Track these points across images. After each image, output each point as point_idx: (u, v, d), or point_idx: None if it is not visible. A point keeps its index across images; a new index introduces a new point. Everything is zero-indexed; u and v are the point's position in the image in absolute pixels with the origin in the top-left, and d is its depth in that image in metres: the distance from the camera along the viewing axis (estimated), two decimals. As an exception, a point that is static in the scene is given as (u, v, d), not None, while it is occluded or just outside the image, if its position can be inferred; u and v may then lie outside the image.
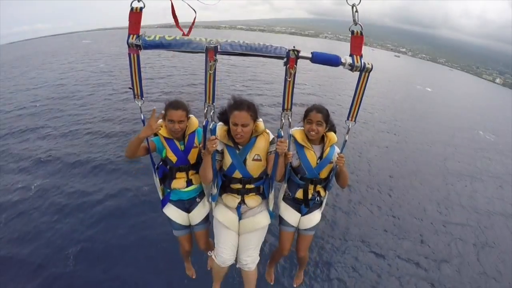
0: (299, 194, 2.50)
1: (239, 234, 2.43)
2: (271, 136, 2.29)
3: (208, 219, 2.66)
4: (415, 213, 7.98)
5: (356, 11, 1.76)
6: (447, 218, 8.01)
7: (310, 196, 2.49)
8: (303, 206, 2.54)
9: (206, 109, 1.91)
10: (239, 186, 2.32)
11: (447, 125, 18.11)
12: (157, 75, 20.24)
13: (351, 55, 1.85)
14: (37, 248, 5.51)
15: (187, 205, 2.57)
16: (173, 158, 2.36)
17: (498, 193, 10.04)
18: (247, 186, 2.32)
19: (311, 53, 1.82)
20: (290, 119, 1.99)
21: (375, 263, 6.07)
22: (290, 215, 2.58)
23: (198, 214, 2.57)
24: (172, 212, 2.54)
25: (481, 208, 8.81)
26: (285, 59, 1.79)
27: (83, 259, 5.33)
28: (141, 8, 1.72)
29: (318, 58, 1.82)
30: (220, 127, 2.20)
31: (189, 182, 2.47)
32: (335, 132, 2.49)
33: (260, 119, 2.26)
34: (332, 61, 1.83)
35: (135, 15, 1.72)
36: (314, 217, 2.58)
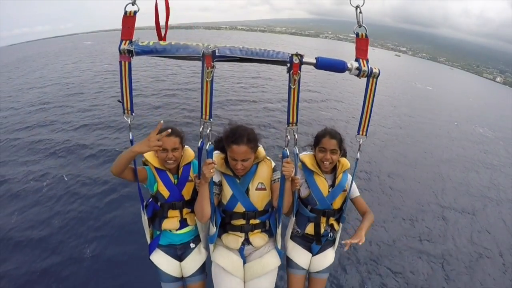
0: (310, 229, 2.20)
1: (244, 281, 2.06)
2: (273, 163, 2.09)
3: (204, 270, 2.25)
4: (414, 199, 8.34)
5: (360, 12, 1.69)
6: (443, 204, 8.37)
7: (322, 230, 2.19)
8: (315, 243, 2.23)
9: (202, 126, 1.67)
10: (242, 221, 2.02)
11: (447, 121, 18.42)
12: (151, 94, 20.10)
13: (357, 59, 1.73)
14: (52, 233, 5.73)
15: (179, 252, 2.19)
16: (164, 192, 2.04)
17: (492, 182, 10.48)
18: (252, 221, 2.03)
19: (315, 58, 1.68)
20: (296, 135, 1.75)
21: (375, 241, 6.41)
22: (299, 255, 2.24)
23: (192, 262, 2.17)
24: (161, 260, 2.13)
25: (475, 195, 9.21)
26: (288, 65, 1.63)
27: (99, 242, 5.55)
28: (135, 12, 1.60)
29: (323, 64, 1.70)
30: (216, 155, 1.97)
31: (183, 222, 2.13)
32: (345, 157, 2.27)
33: (259, 145, 2.03)
34: (337, 66, 1.72)
35: (129, 19, 1.60)
36: (327, 257, 2.25)
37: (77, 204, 6.64)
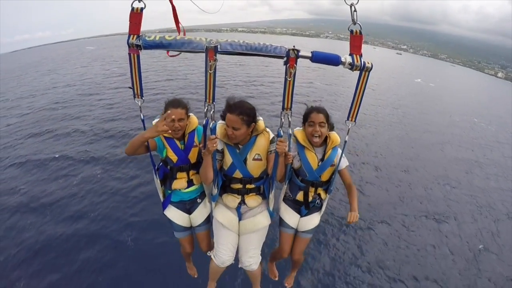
0: (300, 196, 2.47)
1: (239, 235, 2.41)
2: (271, 135, 2.27)
3: (209, 220, 2.64)
4: (407, 171, 9.26)
5: (355, 10, 1.78)
6: (435, 174, 9.27)
7: (310, 198, 2.45)
8: (303, 208, 2.51)
9: (206, 108, 1.89)
10: (239, 186, 2.30)
11: (450, 115, 18.81)
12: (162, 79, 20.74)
13: (350, 54, 1.85)
14: (93, 205, 6.36)
15: (188, 206, 2.55)
16: (173, 157, 2.32)
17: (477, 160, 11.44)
18: (248, 186, 2.30)
19: (311, 52, 1.81)
20: (290, 119, 1.97)
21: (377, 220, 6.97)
22: (290, 216, 2.55)
23: (199, 215, 2.56)
24: (173, 213, 2.51)
25: (463, 169, 10.22)
26: (285, 59, 1.79)
27: (136, 228, 5.95)
28: (141, 9, 1.74)
29: (318, 58, 1.82)
30: (220, 125, 2.17)
31: (190, 183, 2.44)
32: (333, 130, 2.43)
33: (260, 118, 2.24)
34: (332, 60, 1.83)
35: (136, 15, 1.74)
36: (313, 220, 2.54)
37: (112, 182, 7.25)
